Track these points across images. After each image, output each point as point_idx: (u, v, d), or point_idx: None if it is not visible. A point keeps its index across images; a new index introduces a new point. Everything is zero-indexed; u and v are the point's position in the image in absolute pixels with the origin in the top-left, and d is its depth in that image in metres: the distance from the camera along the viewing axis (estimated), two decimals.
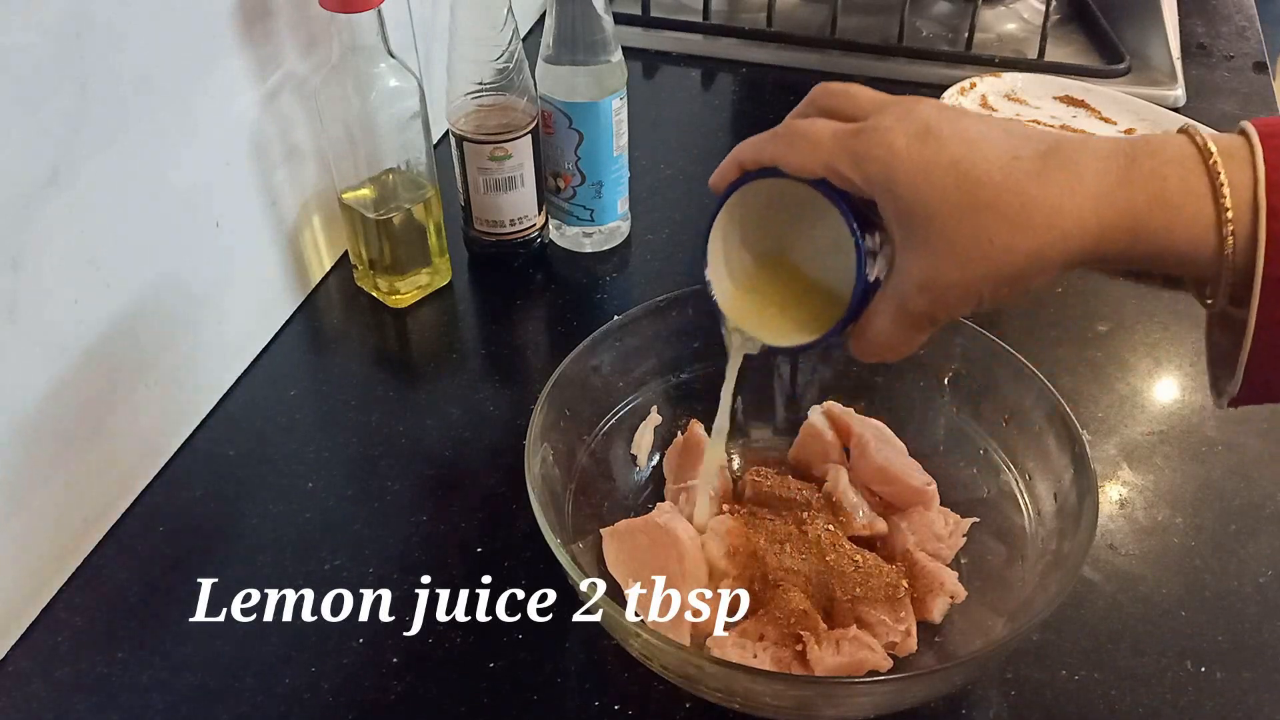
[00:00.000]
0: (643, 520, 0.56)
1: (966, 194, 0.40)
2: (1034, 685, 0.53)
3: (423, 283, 0.77)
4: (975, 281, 0.42)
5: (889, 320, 0.45)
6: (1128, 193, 0.39)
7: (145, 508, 0.62)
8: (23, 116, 0.50)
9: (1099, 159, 0.40)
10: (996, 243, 0.41)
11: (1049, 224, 0.40)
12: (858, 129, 0.43)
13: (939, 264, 0.42)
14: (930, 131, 0.41)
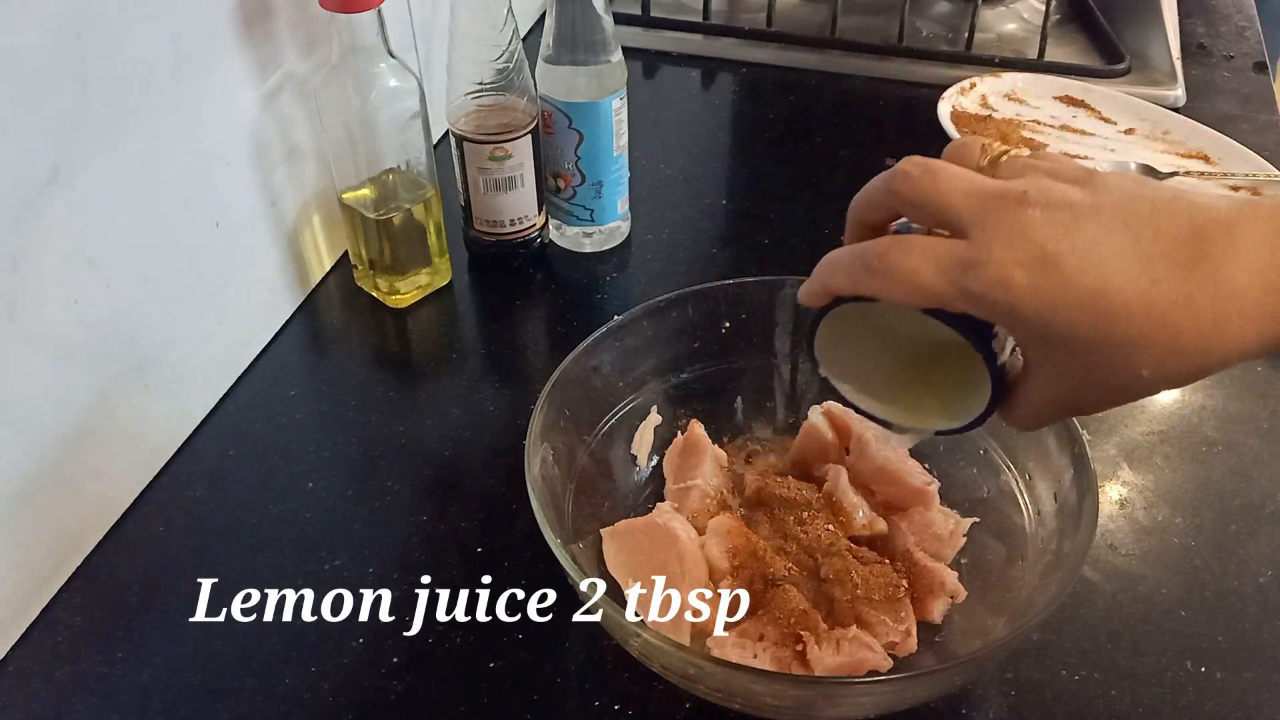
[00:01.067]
0: (643, 520, 0.56)
1: (1104, 330, 0.37)
2: (1034, 685, 0.53)
3: (423, 283, 0.77)
4: (1119, 401, 0.40)
5: (1027, 413, 0.43)
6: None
7: (145, 508, 0.62)
8: (23, 116, 0.50)
9: (1251, 268, 0.36)
10: (1146, 375, 0.38)
11: (1204, 350, 0.37)
12: (965, 262, 0.38)
13: (1080, 389, 0.40)
14: (1049, 261, 0.37)
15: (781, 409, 0.65)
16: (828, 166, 0.94)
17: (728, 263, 0.83)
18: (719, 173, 0.96)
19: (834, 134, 0.99)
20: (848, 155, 0.94)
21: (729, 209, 0.89)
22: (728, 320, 0.63)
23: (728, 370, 0.64)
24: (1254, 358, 0.37)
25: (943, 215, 0.40)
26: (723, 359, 0.64)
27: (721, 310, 0.63)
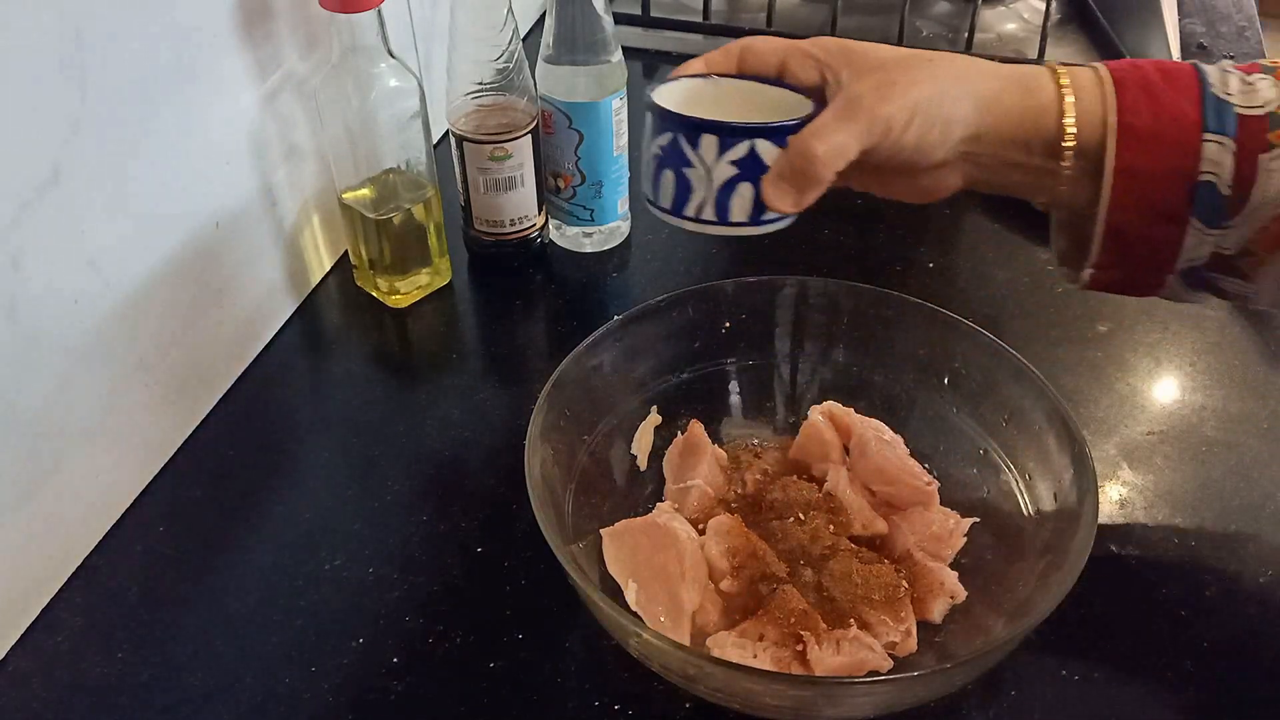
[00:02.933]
0: (643, 520, 0.56)
1: (911, 52, 0.53)
2: (1034, 685, 0.53)
3: (423, 283, 0.77)
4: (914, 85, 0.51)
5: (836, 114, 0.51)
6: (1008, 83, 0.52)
7: (145, 508, 0.62)
8: (23, 116, 0.50)
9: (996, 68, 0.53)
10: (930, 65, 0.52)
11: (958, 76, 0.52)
12: None
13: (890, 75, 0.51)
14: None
15: (781, 409, 0.65)
16: None
17: (728, 263, 0.83)
18: None
19: None
20: None
21: None
22: (728, 320, 0.64)
23: (728, 370, 0.64)
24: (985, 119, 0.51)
25: None
26: (723, 359, 0.64)
27: (721, 310, 0.63)
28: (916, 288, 0.77)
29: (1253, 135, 0.50)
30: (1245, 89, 0.50)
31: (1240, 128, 0.50)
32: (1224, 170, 0.50)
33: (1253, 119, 0.50)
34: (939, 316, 0.60)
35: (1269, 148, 0.49)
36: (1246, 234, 0.51)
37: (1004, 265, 0.81)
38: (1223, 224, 0.51)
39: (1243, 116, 0.50)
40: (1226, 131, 0.50)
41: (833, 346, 0.64)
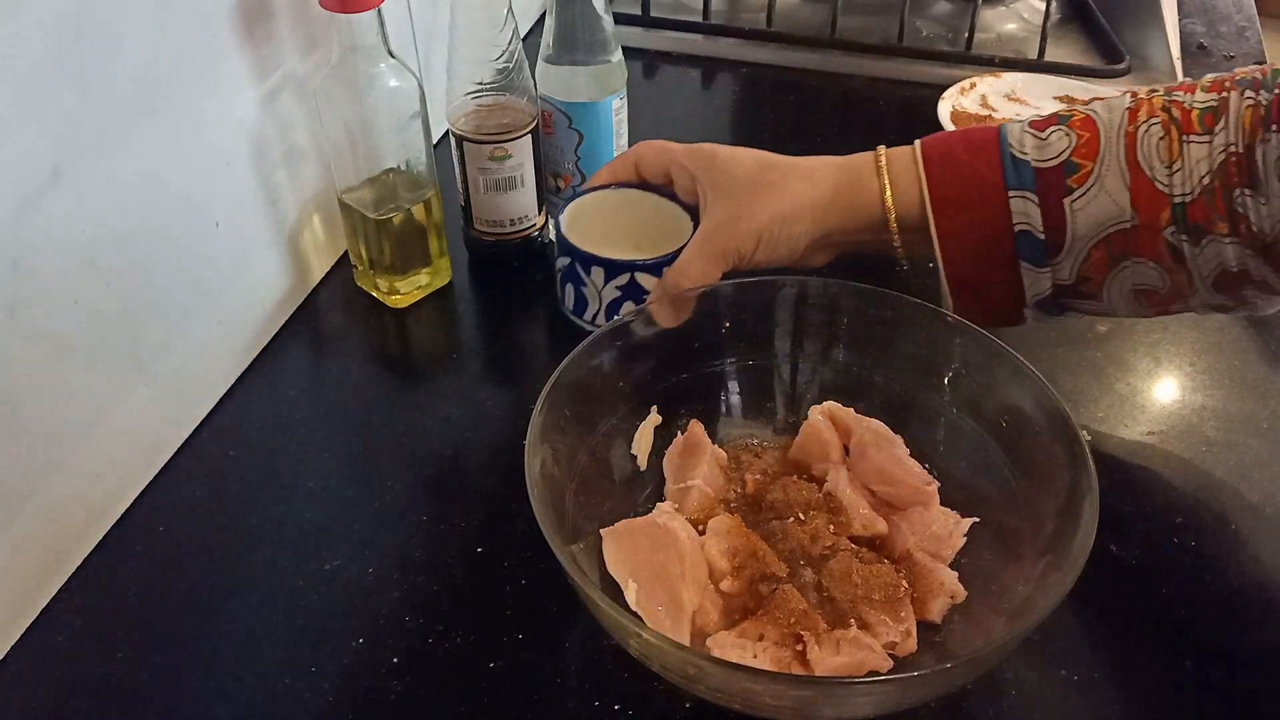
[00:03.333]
0: (643, 520, 0.56)
1: (764, 160, 0.64)
2: (1034, 685, 0.53)
3: (423, 283, 0.77)
4: (758, 215, 0.61)
5: (697, 251, 0.62)
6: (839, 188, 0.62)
7: (145, 508, 0.62)
8: (23, 116, 0.50)
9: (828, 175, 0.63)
10: (777, 186, 0.62)
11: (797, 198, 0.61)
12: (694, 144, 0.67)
13: (736, 205, 0.62)
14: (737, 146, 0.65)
15: (781, 409, 0.65)
16: None
17: None
18: None
19: (834, 134, 0.99)
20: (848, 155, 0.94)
21: None
22: (728, 320, 0.64)
23: (728, 370, 0.64)
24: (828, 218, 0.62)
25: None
26: (723, 359, 0.64)
27: (721, 310, 0.63)
28: (917, 288, 0.77)
29: (1051, 184, 0.57)
30: (1039, 144, 0.57)
31: (1039, 180, 0.57)
32: (1034, 218, 0.57)
33: (1049, 170, 0.57)
34: (939, 316, 0.60)
35: (1069, 192, 0.56)
36: (1076, 264, 0.57)
37: None
38: (1050, 262, 0.58)
39: (1039, 170, 0.57)
40: (1026, 186, 0.57)
41: (833, 346, 0.64)
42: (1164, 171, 0.55)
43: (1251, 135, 0.53)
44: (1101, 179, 0.56)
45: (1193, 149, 0.54)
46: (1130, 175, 0.55)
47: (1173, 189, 0.54)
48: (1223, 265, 0.55)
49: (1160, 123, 0.55)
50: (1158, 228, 0.55)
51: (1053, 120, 0.58)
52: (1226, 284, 0.56)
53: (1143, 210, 0.55)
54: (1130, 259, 0.57)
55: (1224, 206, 0.54)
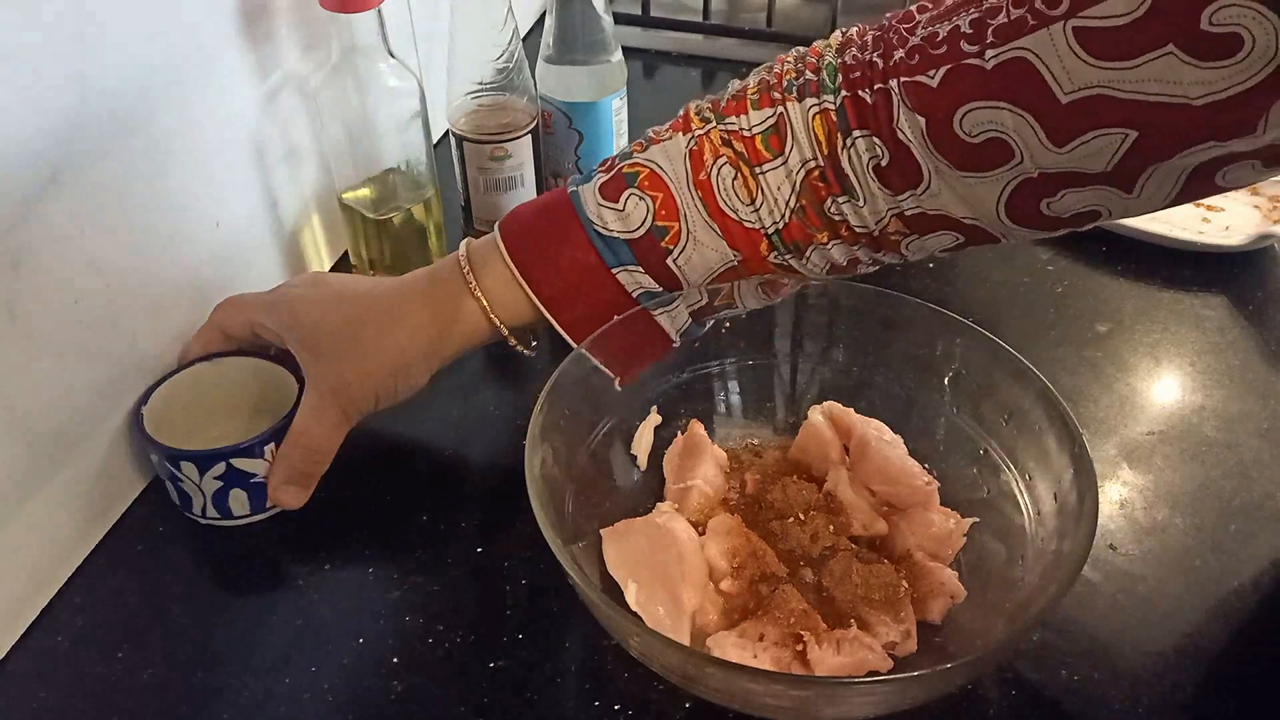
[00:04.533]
0: (643, 520, 0.56)
1: (349, 313, 0.58)
2: (1034, 685, 0.53)
3: None
4: (369, 375, 0.57)
5: (315, 418, 0.57)
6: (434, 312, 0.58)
7: (145, 508, 0.62)
8: (23, 116, 0.50)
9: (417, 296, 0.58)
10: (375, 342, 0.57)
11: (404, 331, 0.57)
12: (271, 293, 0.62)
13: (341, 368, 0.57)
14: (317, 279, 0.61)
15: (781, 409, 0.65)
16: None
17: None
18: None
19: None
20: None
21: None
22: (728, 320, 0.64)
23: (728, 370, 0.64)
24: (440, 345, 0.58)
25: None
26: (723, 359, 0.64)
27: None
28: (916, 288, 0.77)
29: (649, 252, 0.56)
30: (619, 216, 0.56)
31: (635, 251, 0.56)
32: (648, 282, 0.57)
33: (640, 240, 0.56)
34: (939, 316, 0.60)
35: (668, 253, 0.56)
36: (701, 294, 0.58)
37: (1004, 265, 0.81)
38: (679, 303, 0.58)
39: (632, 242, 0.56)
40: (626, 261, 0.56)
41: (833, 346, 0.64)
42: (748, 210, 0.54)
43: (830, 145, 0.52)
44: (693, 234, 0.55)
45: (769, 178, 0.54)
46: (718, 223, 0.55)
47: (762, 222, 0.55)
48: (831, 263, 0.56)
49: (728, 160, 0.54)
50: (761, 256, 0.56)
51: (620, 182, 0.56)
52: (841, 270, 0.58)
53: (743, 248, 0.56)
54: (748, 279, 0.58)
55: (818, 219, 0.54)
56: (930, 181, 0.51)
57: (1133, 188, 0.47)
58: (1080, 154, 0.46)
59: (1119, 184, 0.47)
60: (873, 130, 0.51)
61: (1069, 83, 0.44)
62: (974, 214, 0.51)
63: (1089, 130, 0.45)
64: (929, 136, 0.49)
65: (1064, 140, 0.46)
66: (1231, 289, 0.79)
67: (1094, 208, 0.49)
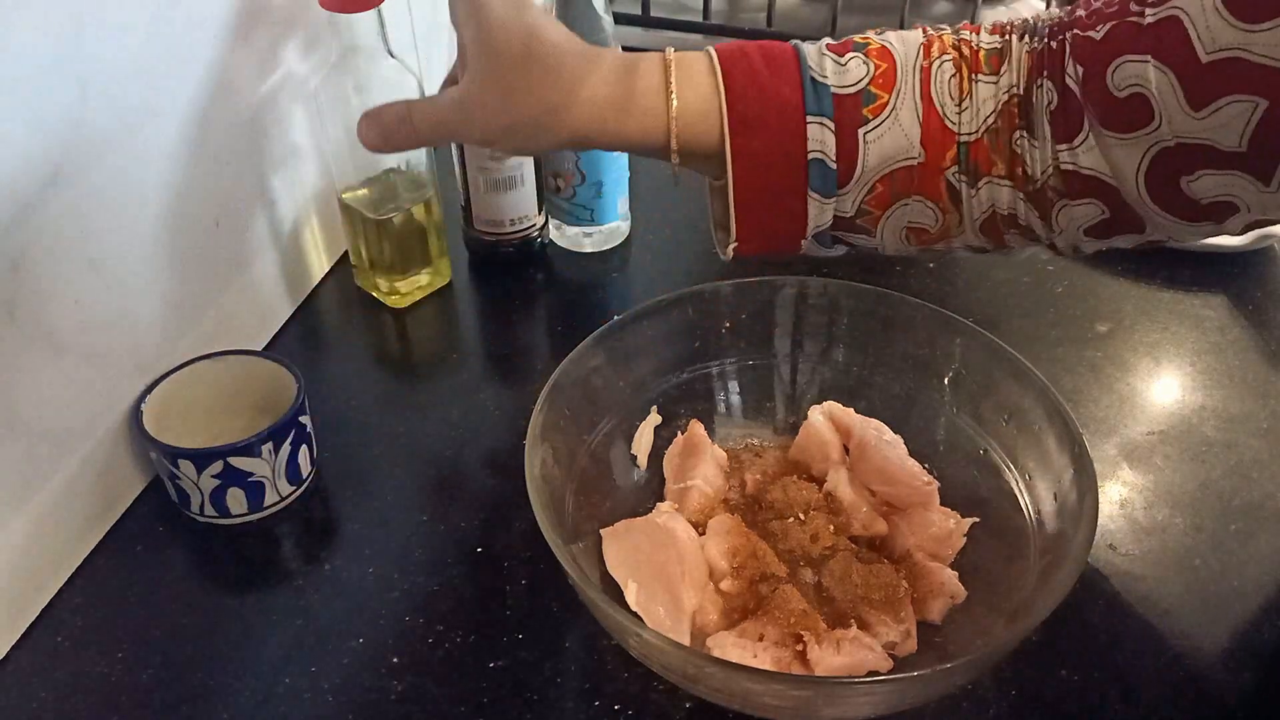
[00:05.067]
0: (643, 520, 0.56)
1: (533, 47, 0.54)
2: (1034, 685, 0.53)
3: (423, 283, 0.77)
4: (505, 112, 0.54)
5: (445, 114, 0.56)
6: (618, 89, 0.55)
7: (145, 507, 0.62)
8: (24, 116, 0.50)
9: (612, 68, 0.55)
10: (537, 84, 0.54)
11: (572, 87, 0.54)
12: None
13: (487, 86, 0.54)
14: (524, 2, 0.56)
15: (781, 409, 0.65)
16: None
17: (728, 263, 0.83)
18: None
19: None
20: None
21: None
22: (727, 320, 0.63)
23: (728, 370, 0.64)
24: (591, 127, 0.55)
25: None
26: (723, 359, 0.64)
27: (721, 310, 0.63)
28: (916, 288, 0.77)
29: (848, 113, 0.54)
30: (839, 70, 0.55)
31: (837, 107, 0.54)
32: (829, 147, 0.54)
33: (848, 98, 0.54)
34: (939, 316, 0.60)
35: (864, 122, 0.54)
36: (860, 198, 0.55)
37: (1004, 265, 0.81)
38: (837, 193, 0.55)
39: (838, 96, 0.54)
40: (825, 112, 0.54)
41: (833, 346, 0.64)
42: (954, 109, 0.55)
43: (1029, 80, 0.53)
44: (896, 112, 0.55)
45: (981, 88, 0.54)
46: (924, 110, 0.54)
47: (960, 127, 0.54)
48: (994, 208, 0.56)
49: (952, 60, 0.55)
50: (941, 166, 0.55)
51: (849, 46, 0.56)
52: (993, 227, 0.56)
53: (930, 147, 0.55)
54: (910, 197, 0.56)
55: (1004, 148, 0.54)
56: (1087, 134, 0.51)
57: (1270, 178, 0.48)
58: (1214, 122, 0.46)
59: (1255, 171, 0.48)
60: (1050, 74, 0.52)
61: (1211, 42, 0.45)
62: (1119, 182, 0.52)
63: (1223, 95, 0.46)
64: (1084, 86, 0.50)
65: (1201, 103, 0.46)
66: (1231, 289, 0.79)
67: (1231, 198, 0.49)
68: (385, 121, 0.56)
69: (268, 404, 0.62)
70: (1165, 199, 0.51)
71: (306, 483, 0.63)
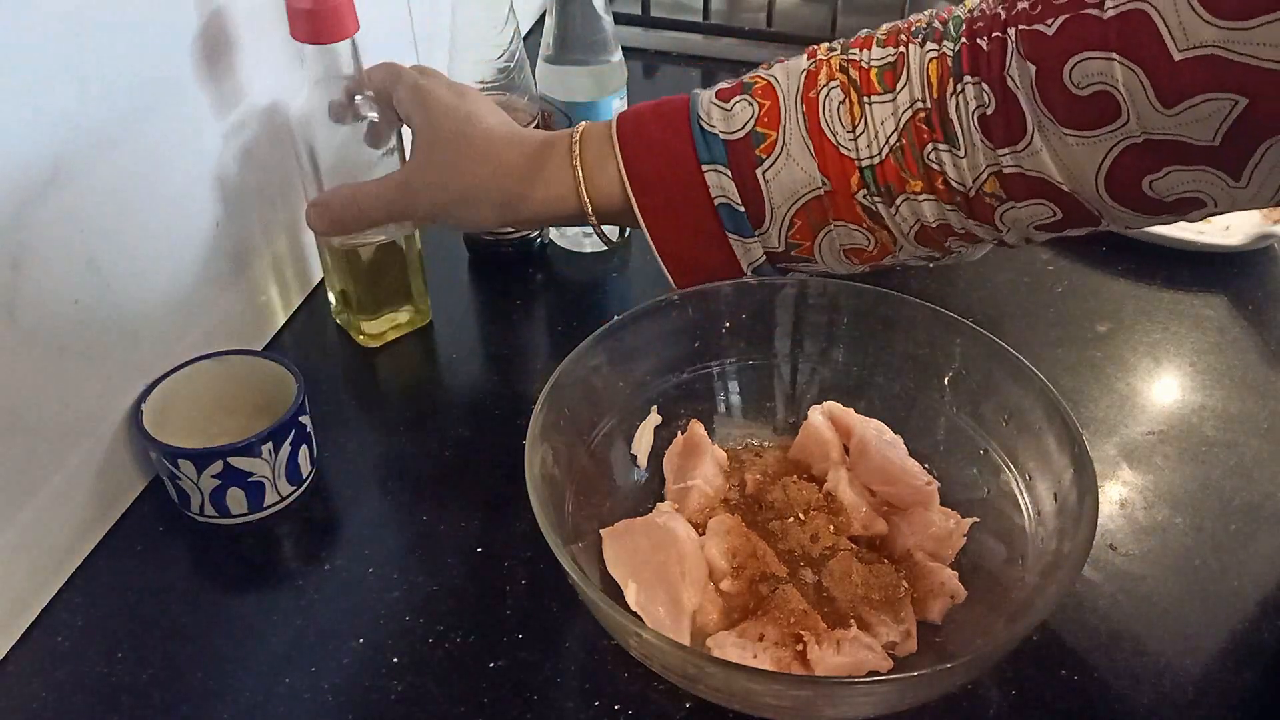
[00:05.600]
0: (643, 520, 0.56)
1: (464, 130, 0.60)
2: (1034, 685, 0.53)
3: (400, 321, 0.74)
4: (441, 189, 0.60)
5: (367, 198, 0.62)
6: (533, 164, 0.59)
7: (145, 507, 0.62)
8: (23, 116, 0.50)
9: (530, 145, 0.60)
10: (465, 165, 0.59)
11: (495, 165, 0.59)
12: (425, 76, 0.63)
13: (425, 170, 0.60)
14: (464, 91, 0.63)
15: (781, 409, 0.65)
16: None
17: None
18: None
19: None
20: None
21: None
22: (727, 320, 0.63)
23: (728, 370, 0.64)
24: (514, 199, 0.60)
25: None
26: (723, 359, 0.64)
27: (721, 310, 0.63)
28: (916, 288, 0.77)
29: (742, 156, 0.55)
30: (725, 115, 0.56)
31: (730, 152, 0.55)
32: (730, 192, 0.56)
33: (738, 142, 0.55)
34: (939, 316, 0.60)
35: (759, 162, 0.55)
36: (782, 233, 0.57)
37: (1004, 265, 0.81)
38: (755, 233, 0.57)
39: (729, 142, 0.56)
40: (718, 160, 0.56)
41: (833, 346, 0.64)
42: (847, 136, 0.54)
43: (940, 89, 0.52)
44: (787, 147, 0.55)
45: (875, 110, 0.53)
46: (813, 143, 0.55)
47: (858, 153, 0.54)
48: (921, 222, 0.55)
49: (840, 85, 0.54)
50: (850, 192, 0.55)
51: (737, 89, 0.57)
52: (928, 238, 0.56)
53: (832, 177, 0.55)
54: (831, 224, 0.56)
55: (915, 165, 0.53)
56: (1032, 137, 0.49)
57: (1240, 174, 0.46)
58: (1188, 118, 0.44)
59: (1226, 166, 0.46)
60: (983, 76, 0.50)
61: (1184, 39, 0.43)
62: (1073, 184, 0.50)
63: (1199, 93, 0.43)
64: (1037, 86, 0.48)
65: (1173, 101, 0.44)
66: (1231, 289, 0.79)
67: (1198, 194, 0.48)
68: (333, 208, 0.61)
69: (268, 404, 0.62)
70: (1126, 196, 0.49)
71: (306, 483, 0.63)
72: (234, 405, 0.63)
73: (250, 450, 0.58)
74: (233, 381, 0.63)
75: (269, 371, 0.63)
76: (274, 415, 0.59)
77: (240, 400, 0.63)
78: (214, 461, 0.57)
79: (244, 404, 0.63)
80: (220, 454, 0.57)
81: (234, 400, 0.63)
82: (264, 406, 0.62)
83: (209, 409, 0.63)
